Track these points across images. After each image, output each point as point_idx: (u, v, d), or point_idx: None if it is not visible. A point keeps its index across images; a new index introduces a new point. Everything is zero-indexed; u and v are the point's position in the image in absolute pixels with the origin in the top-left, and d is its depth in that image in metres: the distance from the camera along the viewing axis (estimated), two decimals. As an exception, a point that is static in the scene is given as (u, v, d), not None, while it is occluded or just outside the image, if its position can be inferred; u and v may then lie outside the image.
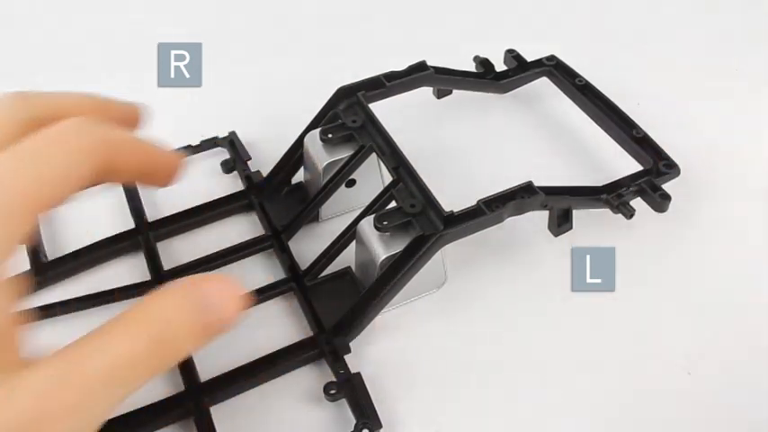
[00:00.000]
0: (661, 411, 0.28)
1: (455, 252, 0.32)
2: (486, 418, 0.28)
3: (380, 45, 0.47)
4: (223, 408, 0.28)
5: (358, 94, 0.35)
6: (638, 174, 0.33)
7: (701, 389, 0.29)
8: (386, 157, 0.32)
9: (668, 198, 0.32)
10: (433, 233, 0.29)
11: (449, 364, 0.30)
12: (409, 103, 0.39)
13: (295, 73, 0.46)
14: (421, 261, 0.29)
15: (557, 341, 0.31)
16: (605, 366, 0.30)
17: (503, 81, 0.41)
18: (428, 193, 0.30)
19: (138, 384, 0.19)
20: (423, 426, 0.28)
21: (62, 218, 0.36)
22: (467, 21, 0.50)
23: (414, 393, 0.29)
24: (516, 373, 0.30)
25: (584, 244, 0.33)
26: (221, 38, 0.49)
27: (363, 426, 0.26)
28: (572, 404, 0.28)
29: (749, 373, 0.29)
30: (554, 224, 0.34)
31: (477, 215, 0.30)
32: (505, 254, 0.34)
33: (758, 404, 0.28)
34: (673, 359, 0.30)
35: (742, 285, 0.33)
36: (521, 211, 0.31)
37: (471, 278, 0.33)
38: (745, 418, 0.28)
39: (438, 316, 0.32)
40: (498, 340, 0.31)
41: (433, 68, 0.38)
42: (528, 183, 0.31)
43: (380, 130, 0.33)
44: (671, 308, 0.32)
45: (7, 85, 0.23)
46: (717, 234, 0.35)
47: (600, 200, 0.32)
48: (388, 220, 0.29)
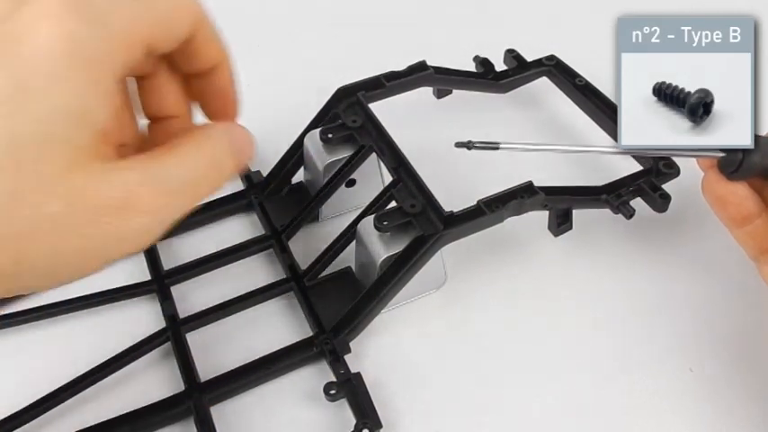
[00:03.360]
0: (662, 410, 0.28)
1: (455, 252, 0.32)
2: (485, 417, 0.28)
3: (380, 45, 0.47)
4: (223, 408, 0.28)
5: (358, 94, 0.35)
6: (637, 174, 0.33)
7: (704, 386, 0.29)
8: (386, 157, 0.32)
9: (668, 198, 0.32)
10: (434, 233, 0.29)
11: (449, 363, 0.30)
12: (409, 103, 0.39)
13: (295, 73, 0.46)
14: (421, 261, 0.29)
15: (556, 340, 0.31)
16: (606, 365, 0.30)
17: (503, 81, 0.41)
18: (428, 193, 0.30)
19: (198, 197, 0.23)
20: (423, 425, 0.28)
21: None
22: (467, 21, 0.50)
23: (414, 393, 0.29)
24: (516, 373, 0.30)
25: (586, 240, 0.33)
26: (226, 37, 0.49)
27: (363, 425, 0.26)
28: (572, 403, 0.29)
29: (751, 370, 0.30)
30: (554, 224, 0.34)
31: (478, 215, 0.30)
32: (505, 254, 0.34)
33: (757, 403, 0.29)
34: (675, 357, 0.30)
35: (743, 284, 0.33)
36: (521, 211, 0.31)
37: (471, 278, 0.33)
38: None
39: (438, 316, 0.32)
40: (498, 340, 0.31)
41: (433, 68, 0.38)
42: (528, 183, 0.31)
43: (380, 130, 0.33)
44: (672, 305, 0.32)
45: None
46: (718, 233, 0.35)
47: (600, 200, 0.32)
48: (389, 221, 0.29)
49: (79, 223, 0.20)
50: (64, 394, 0.28)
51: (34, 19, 0.20)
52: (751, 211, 0.25)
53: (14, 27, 0.20)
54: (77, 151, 0.20)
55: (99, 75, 0.21)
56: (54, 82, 0.20)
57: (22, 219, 0.19)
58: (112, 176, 0.21)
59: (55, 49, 0.20)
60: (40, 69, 0.20)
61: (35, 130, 0.19)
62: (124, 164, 0.21)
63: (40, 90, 0.20)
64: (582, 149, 0.37)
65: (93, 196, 0.20)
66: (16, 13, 0.20)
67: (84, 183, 0.20)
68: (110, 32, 0.21)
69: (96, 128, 0.21)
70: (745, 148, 0.24)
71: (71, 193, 0.20)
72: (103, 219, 0.20)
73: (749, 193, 0.25)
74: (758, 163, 0.24)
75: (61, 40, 0.20)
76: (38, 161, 0.19)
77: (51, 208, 0.20)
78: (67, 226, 0.20)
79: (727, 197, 0.25)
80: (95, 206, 0.20)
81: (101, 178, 0.20)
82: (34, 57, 0.20)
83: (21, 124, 0.19)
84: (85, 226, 0.20)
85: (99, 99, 0.21)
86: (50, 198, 0.19)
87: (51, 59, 0.20)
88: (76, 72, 0.20)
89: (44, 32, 0.20)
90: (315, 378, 0.29)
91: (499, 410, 0.28)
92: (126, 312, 0.32)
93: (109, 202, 0.20)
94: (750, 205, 0.25)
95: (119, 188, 0.20)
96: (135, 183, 0.21)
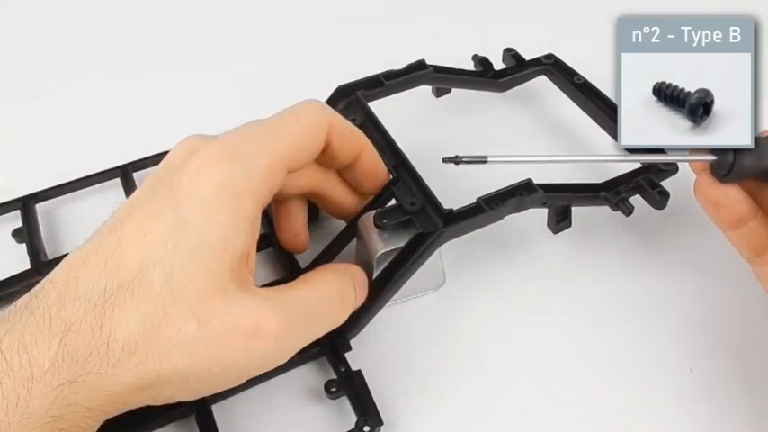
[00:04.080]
0: (662, 410, 0.28)
1: (454, 250, 0.32)
2: (486, 415, 0.28)
3: (379, 44, 0.47)
4: (225, 405, 0.28)
5: (357, 93, 0.35)
6: (636, 171, 0.33)
7: (704, 386, 0.29)
8: (385, 156, 0.32)
9: (667, 195, 0.32)
10: (433, 231, 0.29)
11: (449, 361, 0.30)
12: (408, 102, 0.39)
13: (294, 71, 0.46)
14: (421, 258, 0.29)
15: (556, 340, 0.31)
16: (606, 365, 0.30)
17: (501, 80, 0.41)
18: (428, 191, 0.30)
19: (323, 328, 0.26)
20: (423, 423, 0.28)
21: (62, 217, 0.36)
22: (466, 20, 0.50)
23: (414, 391, 0.29)
24: (516, 372, 0.30)
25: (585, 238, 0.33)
26: (229, 36, 0.49)
27: (365, 423, 0.26)
28: (573, 402, 0.29)
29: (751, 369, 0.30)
30: (553, 222, 0.34)
31: (477, 213, 0.30)
32: (505, 252, 0.34)
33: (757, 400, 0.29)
34: (675, 357, 0.30)
35: (743, 283, 0.33)
36: (520, 208, 0.31)
37: (471, 276, 0.33)
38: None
39: (439, 313, 0.32)
40: (498, 339, 0.31)
41: (432, 67, 0.38)
42: (527, 180, 0.31)
43: (380, 128, 0.33)
44: (672, 304, 0.32)
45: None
46: (718, 231, 0.35)
47: (599, 197, 0.32)
48: (388, 218, 0.29)
49: (209, 345, 0.22)
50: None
51: (198, 166, 0.24)
52: (744, 213, 0.25)
53: (184, 174, 0.24)
54: (220, 277, 0.23)
55: (243, 206, 0.24)
56: (206, 218, 0.23)
57: (167, 339, 0.22)
58: (246, 302, 0.23)
59: (208, 191, 0.23)
60: (196, 209, 0.23)
61: (189, 262, 0.22)
62: (256, 290, 0.24)
63: (194, 226, 0.23)
64: (572, 160, 0.38)
65: (225, 320, 0.22)
66: (188, 160, 0.24)
67: (220, 307, 0.22)
68: (255, 169, 0.25)
69: (237, 254, 0.24)
70: (737, 150, 0.24)
71: (207, 315, 0.22)
72: (232, 343, 0.22)
73: (742, 196, 0.25)
74: (750, 165, 0.24)
75: (214, 183, 0.24)
76: (187, 287, 0.22)
77: (188, 328, 0.22)
78: (200, 346, 0.22)
79: (719, 200, 0.25)
80: (227, 330, 0.22)
81: (235, 303, 0.23)
82: (193, 198, 0.23)
83: (179, 257, 0.22)
84: (214, 348, 0.22)
85: (242, 228, 0.24)
86: (191, 320, 0.22)
87: (205, 200, 0.23)
88: (224, 208, 0.24)
89: (202, 178, 0.24)
90: (316, 376, 0.29)
91: (500, 409, 0.28)
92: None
93: (239, 327, 0.22)
94: (743, 208, 0.25)
95: (250, 315, 0.23)
96: (265, 310, 0.23)
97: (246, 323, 0.23)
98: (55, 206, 0.37)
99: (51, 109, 0.44)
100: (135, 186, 0.36)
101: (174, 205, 0.23)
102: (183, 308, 0.22)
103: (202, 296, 0.22)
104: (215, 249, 0.23)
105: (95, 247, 0.23)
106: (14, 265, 0.32)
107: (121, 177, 0.37)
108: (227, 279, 0.23)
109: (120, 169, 0.37)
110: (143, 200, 0.24)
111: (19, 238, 0.34)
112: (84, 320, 0.22)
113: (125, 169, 0.37)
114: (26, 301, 0.22)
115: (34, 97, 0.45)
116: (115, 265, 0.23)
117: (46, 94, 0.45)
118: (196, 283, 0.22)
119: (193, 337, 0.22)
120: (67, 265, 0.23)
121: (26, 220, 0.34)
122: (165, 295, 0.22)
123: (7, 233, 0.34)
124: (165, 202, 0.24)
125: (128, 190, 0.36)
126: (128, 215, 0.24)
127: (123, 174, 0.37)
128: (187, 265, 0.22)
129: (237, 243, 0.24)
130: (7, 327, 0.21)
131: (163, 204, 0.24)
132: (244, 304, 0.23)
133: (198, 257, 0.23)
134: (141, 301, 0.22)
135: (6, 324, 0.22)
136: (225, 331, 0.22)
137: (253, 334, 0.23)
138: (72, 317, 0.22)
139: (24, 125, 0.43)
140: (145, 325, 0.22)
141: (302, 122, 0.27)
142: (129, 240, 0.23)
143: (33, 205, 0.35)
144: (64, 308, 0.22)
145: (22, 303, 0.22)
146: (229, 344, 0.22)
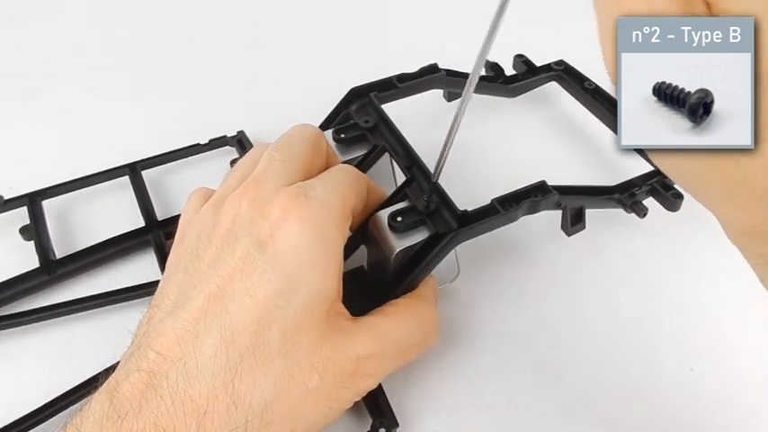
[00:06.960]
0: (662, 410, 0.28)
1: (466, 250, 0.32)
2: (498, 417, 0.28)
3: (392, 47, 0.47)
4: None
5: (370, 95, 0.35)
6: (649, 173, 0.33)
7: (704, 386, 0.29)
8: (399, 157, 0.32)
9: (681, 197, 0.32)
10: (448, 231, 0.29)
11: (450, 361, 0.30)
12: (420, 105, 0.39)
13: (306, 73, 0.46)
14: (436, 259, 0.29)
15: (563, 340, 0.31)
16: (606, 365, 0.30)
17: (512, 85, 0.41)
18: (442, 192, 0.30)
19: (414, 356, 0.27)
20: (437, 424, 0.27)
21: (72, 216, 0.36)
22: (478, 24, 0.51)
23: (414, 391, 0.28)
24: (524, 373, 0.29)
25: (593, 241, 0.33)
26: (233, 36, 0.49)
27: (380, 425, 0.26)
28: (574, 403, 0.28)
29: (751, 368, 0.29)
30: (567, 224, 0.34)
31: (491, 214, 0.30)
32: (514, 254, 0.34)
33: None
34: (675, 357, 0.30)
35: (744, 283, 0.33)
36: (535, 210, 0.31)
37: (483, 276, 0.33)
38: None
39: (451, 311, 0.31)
40: (507, 340, 0.31)
41: (445, 71, 0.38)
42: (542, 182, 0.31)
43: (393, 130, 0.33)
44: (673, 303, 0.32)
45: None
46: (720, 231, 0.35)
47: (613, 199, 0.32)
48: (402, 218, 0.29)
49: (329, 391, 0.23)
50: (69, 399, 0.27)
51: (283, 217, 0.24)
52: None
53: (273, 227, 0.24)
54: (323, 325, 0.23)
55: (335, 251, 0.24)
56: (311, 270, 0.23)
57: (297, 398, 0.22)
58: (346, 346, 0.24)
59: (304, 241, 0.23)
60: (297, 261, 0.23)
61: (301, 317, 0.23)
62: (349, 326, 0.25)
63: (302, 280, 0.23)
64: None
65: (336, 366, 0.23)
66: (268, 211, 0.24)
67: (330, 354, 0.23)
68: (335, 212, 0.25)
69: (332, 297, 0.24)
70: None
71: (323, 365, 0.23)
72: (345, 384, 0.24)
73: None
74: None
75: (308, 231, 0.24)
76: (299, 342, 0.23)
77: (312, 383, 0.23)
78: (322, 395, 0.23)
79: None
80: (338, 374, 0.23)
81: (339, 347, 0.24)
82: (290, 251, 0.23)
83: (291, 313, 0.23)
84: (332, 393, 0.23)
85: (336, 274, 0.24)
86: (312, 374, 0.23)
87: (304, 251, 0.23)
88: (322, 257, 0.24)
89: (294, 226, 0.24)
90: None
91: (509, 409, 0.28)
92: (131, 313, 0.31)
93: (345, 370, 0.24)
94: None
95: (352, 358, 0.24)
96: (364, 352, 0.24)
97: (350, 367, 0.24)
98: (63, 204, 0.36)
99: (51, 109, 0.43)
100: (144, 184, 0.36)
101: (273, 261, 0.23)
102: (303, 364, 0.22)
103: (315, 347, 0.23)
104: (323, 300, 0.23)
105: (200, 315, 0.22)
106: (23, 263, 0.32)
107: (130, 175, 0.36)
108: (326, 324, 0.23)
109: (129, 167, 0.37)
110: (230, 259, 0.23)
111: (26, 236, 0.33)
112: (216, 399, 0.21)
113: (134, 167, 0.37)
114: (143, 379, 0.21)
115: (39, 97, 0.44)
116: (229, 333, 0.22)
117: (47, 94, 0.45)
118: (308, 336, 0.23)
119: (318, 390, 0.23)
120: (173, 337, 0.22)
121: (33, 217, 0.34)
122: (283, 355, 0.22)
123: (15, 232, 0.34)
124: (259, 257, 0.23)
125: (136, 188, 0.36)
126: (219, 275, 0.23)
127: (132, 171, 0.36)
128: (299, 320, 0.23)
129: (334, 287, 0.24)
130: (135, 406, 0.20)
131: (257, 260, 0.23)
132: (347, 346, 0.24)
133: (309, 311, 0.23)
134: (266, 366, 0.22)
135: (130, 402, 0.21)
136: (337, 374, 0.23)
137: (355, 372, 0.24)
138: (202, 396, 0.21)
139: (29, 124, 0.42)
140: (277, 391, 0.22)
141: (352, 173, 0.28)
142: (237, 304, 0.22)
143: (40, 202, 0.35)
144: (190, 386, 0.21)
145: (139, 380, 0.21)
146: (343, 385, 0.24)
